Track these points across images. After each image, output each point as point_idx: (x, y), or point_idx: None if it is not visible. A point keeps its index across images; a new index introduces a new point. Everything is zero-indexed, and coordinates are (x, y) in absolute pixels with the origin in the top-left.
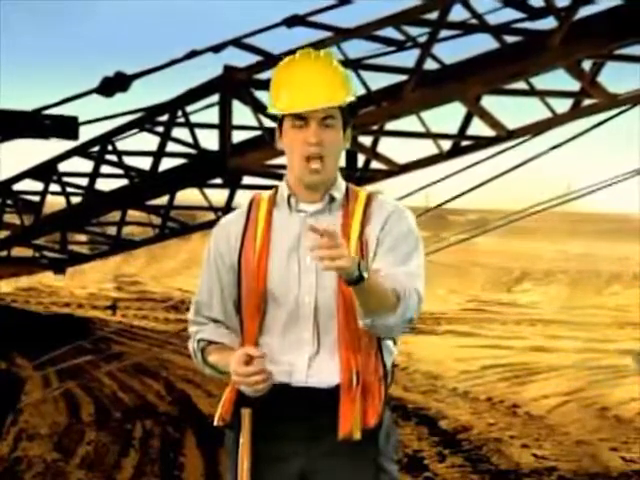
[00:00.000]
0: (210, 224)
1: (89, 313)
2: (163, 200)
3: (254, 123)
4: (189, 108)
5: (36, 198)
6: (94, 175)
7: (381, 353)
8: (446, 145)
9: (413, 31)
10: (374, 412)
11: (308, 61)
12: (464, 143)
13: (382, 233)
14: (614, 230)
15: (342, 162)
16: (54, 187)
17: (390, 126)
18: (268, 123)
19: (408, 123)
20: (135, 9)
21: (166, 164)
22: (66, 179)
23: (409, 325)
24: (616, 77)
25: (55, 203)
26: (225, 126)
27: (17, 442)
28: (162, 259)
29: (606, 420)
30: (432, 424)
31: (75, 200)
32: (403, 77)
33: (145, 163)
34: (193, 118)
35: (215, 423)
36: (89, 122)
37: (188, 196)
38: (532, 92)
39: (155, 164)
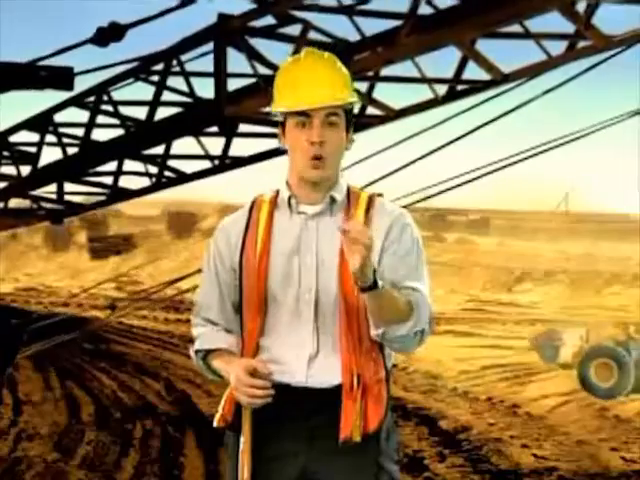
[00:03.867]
0: (207, 173)
1: (89, 313)
2: (159, 150)
3: (249, 71)
4: (184, 57)
5: (33, 149)
6: (90, 125)
7: (382, 355)
8: (442, 90)
9: None
10: (375, 416)
11: (312, 61)
12: (460, 87)
13: (387, 242)
14: (614, 230)
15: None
16: (50, 138)
17: (385, 72)
18: (263, 70)
19: (403, 69)
20: None
21: (162, 113)
22: (62, 130)
23: (422, 338)
24: (611, 18)
25: (53, 154)
26: (220, 74)
27: (17, 442)
28: (161, 259)
29: (606, 420)
30: (432, 424)
31: (72, 151)
32: (398, 22)
33: (141, 113)
34: (188, 67)
35: (215, 424)
36: (84, 72)
37: (183, 147)
38: (527, 35)
39: (151, 113)
